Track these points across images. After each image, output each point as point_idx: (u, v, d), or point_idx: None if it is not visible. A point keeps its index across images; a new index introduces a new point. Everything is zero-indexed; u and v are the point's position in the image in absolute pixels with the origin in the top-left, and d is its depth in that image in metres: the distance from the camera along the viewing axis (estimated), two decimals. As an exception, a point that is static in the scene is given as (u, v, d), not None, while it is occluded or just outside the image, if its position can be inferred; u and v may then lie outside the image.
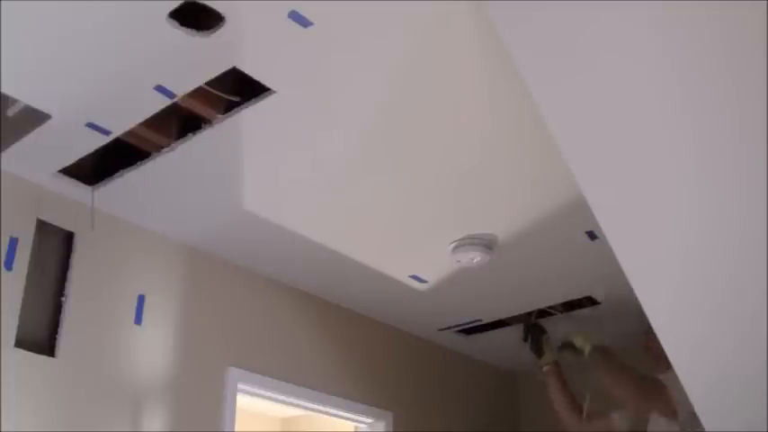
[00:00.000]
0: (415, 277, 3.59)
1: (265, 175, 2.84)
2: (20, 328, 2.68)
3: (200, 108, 2.49)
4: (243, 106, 2.45)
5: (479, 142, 2.65)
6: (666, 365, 2.59)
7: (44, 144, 2.62)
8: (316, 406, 3.71)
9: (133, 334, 3.01)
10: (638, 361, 3.08)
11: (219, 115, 2.50)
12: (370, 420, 3.95)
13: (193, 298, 3.27)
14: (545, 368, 3.56)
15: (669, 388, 2.78)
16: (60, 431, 2.68)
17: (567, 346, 3.40)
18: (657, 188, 2.05)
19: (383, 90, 2.40)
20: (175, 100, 2.41)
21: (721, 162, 1.92)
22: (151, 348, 3.06)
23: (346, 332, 3.91)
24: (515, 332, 4.11)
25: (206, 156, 2.71)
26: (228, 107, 2.48)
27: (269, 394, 3.51)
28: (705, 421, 2.41)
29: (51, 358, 2.75)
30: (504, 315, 4.03)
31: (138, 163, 2.74)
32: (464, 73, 2.32)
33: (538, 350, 3.66)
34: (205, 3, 2.04)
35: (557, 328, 3.73)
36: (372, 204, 3.02)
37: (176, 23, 2.10)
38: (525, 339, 3.75)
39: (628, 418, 3.20)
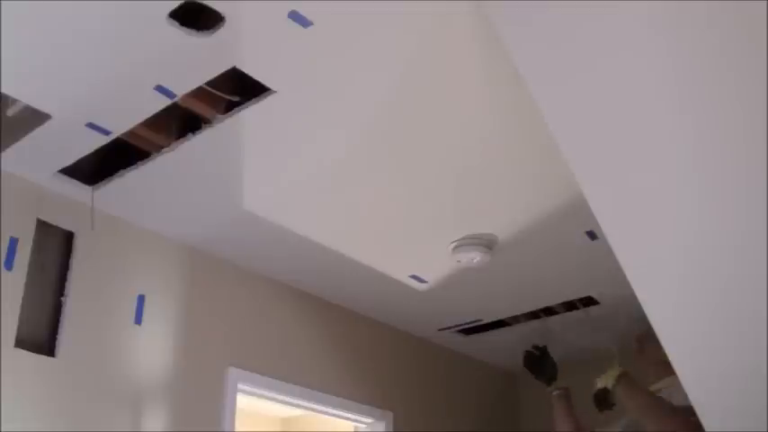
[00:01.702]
0: (415, 277, 3.59)
1: (265, 175, 2.84)
2: (20, 328, 2.68)
3: (200, 108, 2.49)
4: (243, 106, 2.45)
5: (479, 142, 2.65)
6: (661, 372, 2.58)
7: (44, 144, 2.62)
8: (316, 406, 3.72)
9: (133, 334, 3.01)
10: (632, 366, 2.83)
11: (219, 115, 2.50)
12: (370, 420, 3.94)
13: (193, 298, 3.27)
14: (555, 393, 3.26)
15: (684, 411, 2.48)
16: (60, 431, 2.68)
17: (599, 395, 2.90)
18: (657, 188, 2.05)
19: (383, 90, 2.40)
20: (175, 100, 2.41)
21: (721, 162, 1.92)
22: (151, 348, 3.06)
23: (346, 332, 3.90)
24: (515, 332, 4.12)
25: (206, 156, 2.71)
26: (228, 107, 2.48)
27: (269, 394, 3.51)
28: (705, 421, 2.40)
29: (51, 358, 2.75)
30: (504, 315, 4.03)
31: (138, 163, 2.74)
32: (464, 73, 2.32)
33: (549, 377, 3.32)
34: (205, 3, 2.04)
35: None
36: (372, 204, 3.02)
37: (176, 23, 2.10)
38: (532, 366, 3.38)
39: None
